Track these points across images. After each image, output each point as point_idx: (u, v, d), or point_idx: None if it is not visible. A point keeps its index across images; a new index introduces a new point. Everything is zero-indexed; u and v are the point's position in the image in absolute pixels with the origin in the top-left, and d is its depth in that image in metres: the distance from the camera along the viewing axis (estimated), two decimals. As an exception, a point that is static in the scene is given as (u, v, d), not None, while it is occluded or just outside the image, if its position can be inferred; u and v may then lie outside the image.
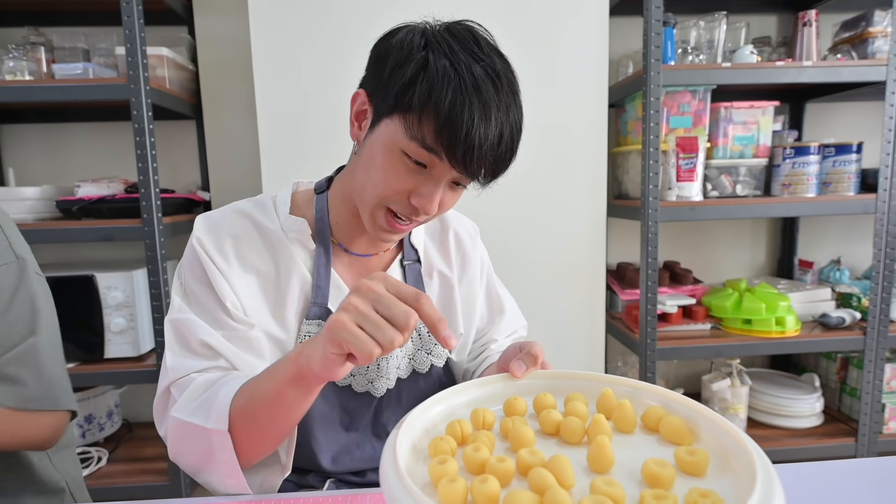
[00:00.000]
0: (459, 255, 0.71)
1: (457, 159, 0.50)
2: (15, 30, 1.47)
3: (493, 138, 0.50)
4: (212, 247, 0.59)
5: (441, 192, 0.54)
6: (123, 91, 1.21)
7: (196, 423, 0.50)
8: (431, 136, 0.49)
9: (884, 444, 1.51)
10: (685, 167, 1.39)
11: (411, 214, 0.55)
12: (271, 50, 1.30)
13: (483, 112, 0.49)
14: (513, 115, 0.52)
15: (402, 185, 0.53)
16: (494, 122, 0.49)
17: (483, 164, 0.51)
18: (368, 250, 0.65)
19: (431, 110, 0.49)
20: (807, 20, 1.44)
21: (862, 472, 0.57)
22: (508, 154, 0.52)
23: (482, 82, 0.49)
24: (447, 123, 0.48)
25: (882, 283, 1.44)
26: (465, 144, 0.49)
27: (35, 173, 1.58)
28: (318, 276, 0.61)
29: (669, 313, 1.49)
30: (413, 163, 0.52)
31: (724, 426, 0.39)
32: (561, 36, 1.34)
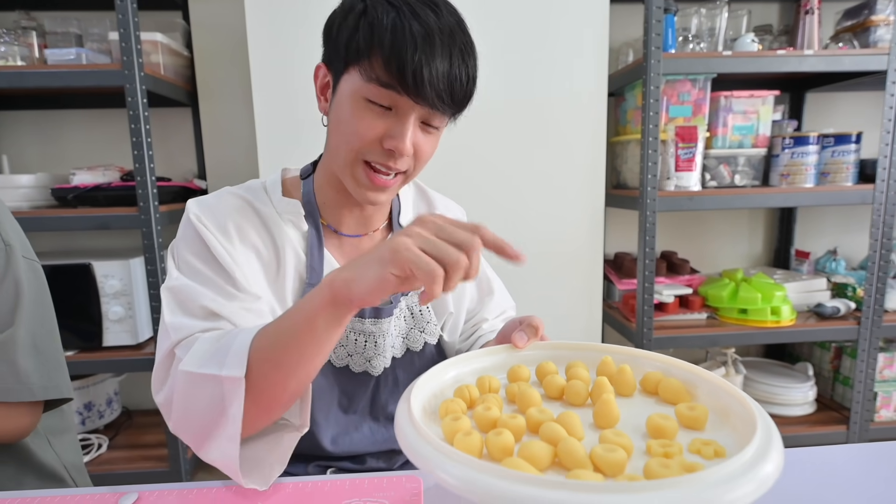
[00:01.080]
0: None
1: (412, 88, 0.50)
2: (6, 14, 1.45)
3: (443, 62, 0.50)
4: (212, 224, 0.58)
5: (410, 130, 0.53)
6: (117, 77, 1.20)
7: (208, 372, 0.46)
8: (383, 73, 0.50)
9: (875, 432, 1.53)
10: (684, 157, 1.39)
11: (388, 161, 0.55)
12: (267, 35, 1.28)
13: (426, 35, 0.49)
14: (459, 38, 0.51)
15: (372, 132, 0.53)
16: (440, 45, 0.50)
17: (439, 89, 0.50)
18: (358, 230, 0.65)
19: (377, 49, 0.50)
20: (809, 8, 1.43)
21: (853, 457, 0.58)
22: (464, 77, 0.52)
23: (420, 11, 0.50)
24: (392, 54, 0.49)
25: (877, 273, 1.45)
26: (414, 70, 0.49)
27: (29, 161, 1.57)
28: (312, 257, 0.61)
29: (666, 303, 1.50)
30: (377, 107, 0.53)
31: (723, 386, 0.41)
32: (560, 23, 1.32)
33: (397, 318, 0.66)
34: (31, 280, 0.68)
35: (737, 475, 0.29)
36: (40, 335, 0.68)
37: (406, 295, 0.66)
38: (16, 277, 0.65)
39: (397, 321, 0.66)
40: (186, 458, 1.37)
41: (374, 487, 0.52)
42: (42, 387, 0.66)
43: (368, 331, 0.63)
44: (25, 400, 0.65)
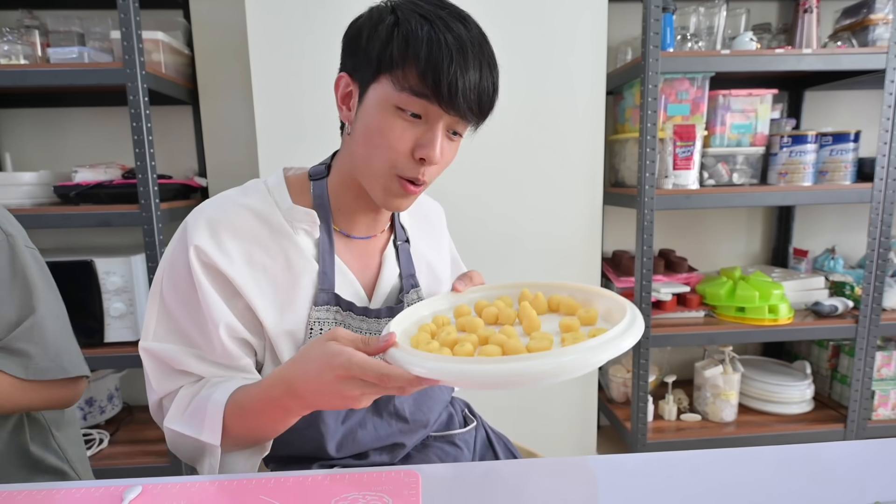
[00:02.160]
0: (435, 234, 0.77)
1: (445, 99, 0.52)
2: (9, 13, 1.46)
3: (474, 74, 0.53)
4: (209, 245, 0.56)
5: (440, 138, 0.55)
6: (119, 76, 1.21)
7: (190, 434, 0.55)
8: (417, 82, 0.52)
9: (872, 430, 1.54)
10: (682, 155, 1.39)
11: (418, 173, 0.57)
12: (268, 34, 1.29)
13: (459, 48, 0.52)
14: (487, 50, 0.55)
15: (404, 143, 0.55)
16: (472, 57, 0.52)
17: (470, 99, 0.53)
18: (368, 232, 0.67)
19: (412, 59, 0.52)
20: (808, 6, 1.43)
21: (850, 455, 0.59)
22: (491, 90, 0.55)
23: (452, 23, 0.52)
24: (428, 65, 0.51)
25: (875, 272, 1.45)
26: (449, 80, 0.51)
27: (32, 158, 1.58)
28: (324, 263, 0.61)
29: (664, 301, 1.50)
30: (409, 115, 0.54)
31: (610, 295, 0.60)
32: (559, 21, 1.33)
33: None
34: (35, 265, 0.70)
35: (604, 343, 0.47)
36: (59, 316, 0.72)
37: (407, 292, 0.68)
38: (25, 265, 0.68)
39: None
40: (187, 454, 1.38)
41: (372, 481, 0.53)
42: (73, 364, 0.71)
43: (374, 330, 0.64)
44: (60, 377, 0.69)
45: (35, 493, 0.53)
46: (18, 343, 0.66)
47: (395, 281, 0.68)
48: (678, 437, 1.51)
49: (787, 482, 0.53)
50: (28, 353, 0.67)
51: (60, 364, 0.69)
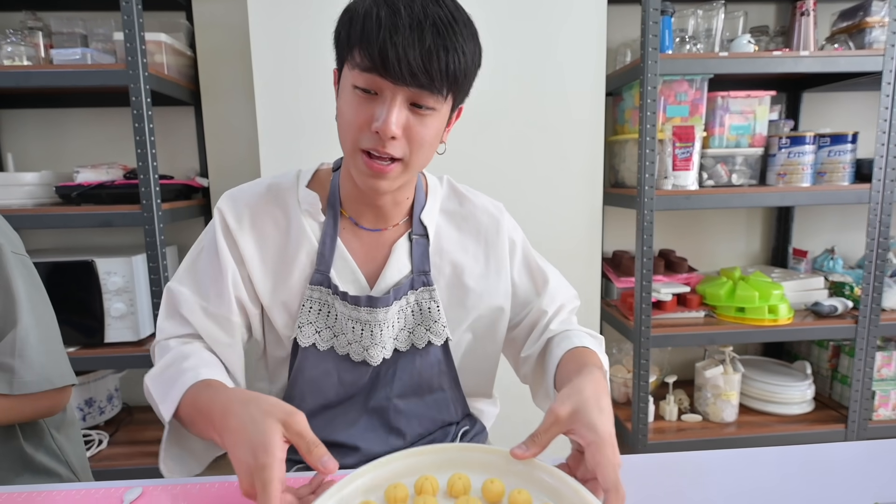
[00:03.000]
0: (480, 237, 0.70)
1: (381, 68, 0.52)
2: (12, 14, 1.47)
3: (413, 39, 0.51)
4: (230, 214, 0.65)
5: (395, 111, 0.54)
6: (122, 77, 1.22)
7: (156, 397, 0.58)
8: (360, 58, 0.53)
9: (873, 431, 1.54)
10: (681, 156, 1.40)
11: (378, 146, 0.56)
12: (269, 35, 1.30)
13: (391, 16, 0.51)
14: (434, 15, 0.52)
15: (361, 117, 0.56)
16: (408, 26, 0.51)
17: (412, 67, 0.51)
18: (377, 224, 0.67)
19: (355, 38, 0.54)
20: (805, 9, 1.44)
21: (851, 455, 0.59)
22: (442, 53, 0.52)
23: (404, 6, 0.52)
24: (363, 37, 0.52)
25: (874, 272, 1.46)
26: (380, 49, 0.51)
27: (34, 159, 1.58)
28: (323, 245, 0.65)
29: (664, 301, 1.50)
30: (364, 93, 0.55)
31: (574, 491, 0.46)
32: (559, 24, 1.34)
33: (402, 310, 0.66)
34: (24, 276, 0.69)
35: None
36: (44, 327, 0.70)
37: (416, 289, 0.66)
38: (9, 276, 0.67)
39: (402, 313, 0.66)
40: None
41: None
42: (59, 375, 0.70)
43: (364, 319, 0.64)
44: (46, 389, 0.68)
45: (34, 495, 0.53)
46: (1, 358, 0.65)
47: (404, 276, 0.66)
48: (679, 437, 1.51)
49: (788, 483, 0.53)
50: (11, 368, 0.65)
51: (46, 376, 0.68)
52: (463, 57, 0.54)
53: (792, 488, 0.52)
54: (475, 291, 0.69)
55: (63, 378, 0.70)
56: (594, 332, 0.71)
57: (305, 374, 0.66)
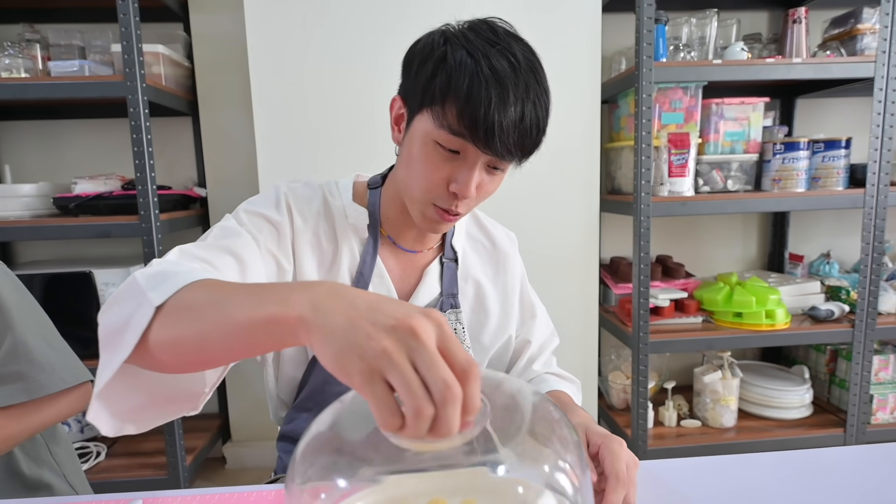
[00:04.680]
0: (499, 263, 0.74)
1: (481, 140, 0.53)
2: (10, 27, 1.47)
3: (514, 115, 0.52)
4: (295, 206, 0.63)
5: (476, 175, 0.56)
6: (120, 88, 1.22)
7: (142, 284, 0.42)
8: (455, 122, 0.53)
9: (872, 435, 1.54)
10: (677, 163, 1.41)
11: (451, 205, 0.58)
12: (267, 46, 1.31)
13: (500, 91, 0.52)
14: (533, 91, 0.54)
15: (439, 175, 0.56)
16: (513, 100, 0.52)
17: (508, 141, 0.53)
18: (415, 246, 0.68)
19: (452, 97, 0.53)
20: (797, 17, 1.46)
21: (850, 460, 0.59)
22: (534, 130, 0.54)
23: (497, 63, 0.52)
24: (467, 106, 0.52)
25: (870, 276, 1.46)
26: (486, 124, 0.52)
27: (31, 170, 1.59)
28: (364, 264, 0.65)
29: (662, 307, 1.51)
30: (446, 151, 0.55)
31: None
32: (554, 32, 1.35)
33: None
34: (5, 282, 0.68)
35: None
36: (42, 328, 0.70)
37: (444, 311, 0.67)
38: None
39: None
40: (185, 466, 1.37)
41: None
42: (71, 373, 0.69)
43: None
44: (61, 389, 0.67)
45: (36, 508, 0.52)
46: (7, 367, 0.65)
47: (434, 298, 0.68)
48: (679, 443, 1.51)
49: (787, 488, 0.53)
50: (22, 375, 0.65)
51: (59, 376, 0.68)
52: (545, 132, 0.56)
53: (791, 493, 0.52)
54: (494, 315, 0.71)
55: (76, 376, 0.70)
56: (572, 377, 0.74)
57: (334, 388, 0.65)
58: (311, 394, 0.67)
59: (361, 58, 1.32)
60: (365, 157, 1.36)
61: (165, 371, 0.43)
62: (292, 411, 0.69)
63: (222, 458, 1.68)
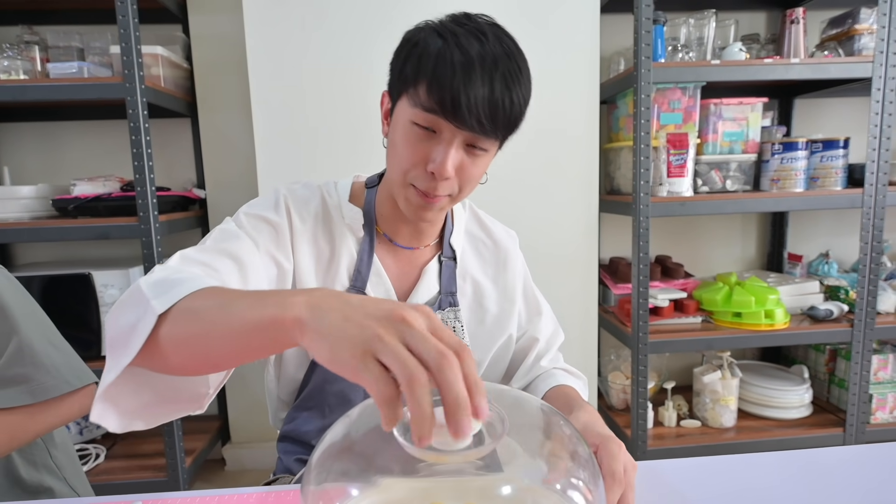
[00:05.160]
0: (499, 262, 0.73)
1: (450, 112, 0.53)
2: (9, 28, 1.47)
3: (483, 88, 0.52)
4: (293, 208, 0.64)
5: (453, 154, 0.56)
6: (119, 90, 1.22)
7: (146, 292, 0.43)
8: (426, 98, 0.53)
9: (871, 434, 1.54)
10: (676, 163, 1.41)
11: (429, 186, 0.57)
12: (266, 47, 1.31)
13: (465, 64, 0.52)
14: (503, 65, 0.53)
15: (417, 155, 0.56)
16: (480, 73, 0.52)
17: (478, 113, 0.53)
18: (412, 242, 0.68)
19: (422, 76, 0.54)
20: (794, 17, 1.47)
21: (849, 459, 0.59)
22: (507, 103, 0.54)
23: (465, 40, 0.53)
24: (434, 80, 0.53)
25: (869, 275, 1.47)
26: (452, 95, 0.52)
27: (30, 172, 1.58)
28: (361, 262, 0.65)
29: (661, 307, 1.51)
30: (422, 129, 0.55)
31: None
32: (553, 33, 1.36)
33: None
34: (7, 286, 0.68)
35: None
36: (46, 330, 0.70)
37: (443, 309, 0.67)
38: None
39: None
40: (185, 468, 1.37)
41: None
42: (76, 376, 0.69)
43: None
44: (65, 392, 0.67)
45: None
46: (12, 369, 0.65)
47: (433, 296, 0.68)
48: (678, 443, 1.51)
49: (787, 488, 0.53)
50: (27, 377, 0.65)
51: (64, 378, 0.68)
52: (524, 104, 0.56)
53: (792, 493, 0.53)
54: (492, 314, 0.71)
55: (80, 378, 0.70)
56: (579, 373, 0.74)
57: (333, 387, 0.66)
58: (311, 393, 0.67)
59: (360, 59, 1.32)
60: (364, 158, 1.36)
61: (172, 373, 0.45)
62: (293, 411, 0.69)
63: (222, 459, 1.68)
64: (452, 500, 0.44)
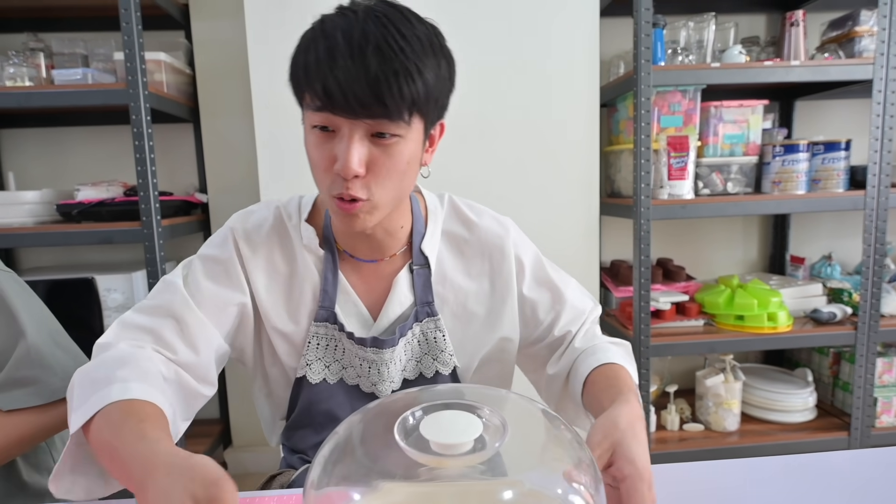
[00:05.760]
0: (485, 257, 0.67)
1: (328, 103, 0.49)
2: (15, 36, 1.49)
3: (354, 68, 0.48)
4: (242, 239, 0.62)
5: (356, 148, 0.51)
6: (122, 96, 1.23)
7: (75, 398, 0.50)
8: (309, 97, 0.51)
9: (876, 438, 1.53)
10: (676, 166, 1.41)
11: (342, 191, 0.53)
12: (267, 53, 1.32)
13: (329, 49, 0.49)
14: (376, 38, 0.48)
15: (324, 160, 0.53)
16: (348, 52, 0.48)
17: (359, 95, 0.48)
18: (373, 255, 0.64)
19: (299, 76, 0.52)
20: (794, 20, 1.47)
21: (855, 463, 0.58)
22: (390, 76, 0.48)
23: (330, 25, 0.50)
24: (305, 76, 0.50)
25: (872, 278, 1.46)
26: (323, 84, 0.48)
27: (35, 177, 1.60)
28: (326, 281, 0.63)
29: (663, 310, 1.50)
30: (321, 131, 0.52)
31: None
32: (552, 37, 1.36)
33: (409, 342, 0.64)
34: (16, 290, 0.69)
35: None
36: (53, 332, 0.70)
37: (421, 321, 0.65)
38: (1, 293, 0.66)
39: (409, 345, 0.65)
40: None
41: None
42: None
43: (370, 358, 0.63)
44: None
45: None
46: (20, 371, 0.65)
47: (407, 307, 0.65)
48: (681, 447, 1.50)
49: (791, 492, 0.53)
50: (36, 379, 0.65)
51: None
52: (420, 76, 0.49)
53: (796, 497, 0.52)
54: (480, 316, 0.66)
55: None
56: (619, 341, 0.67)
57: (320, 407, 0.65)
58: (300, 413, 0.67)
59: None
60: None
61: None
62: (287, 430, 0.70)
63: (223, 463, 1.68)
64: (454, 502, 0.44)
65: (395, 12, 0.51)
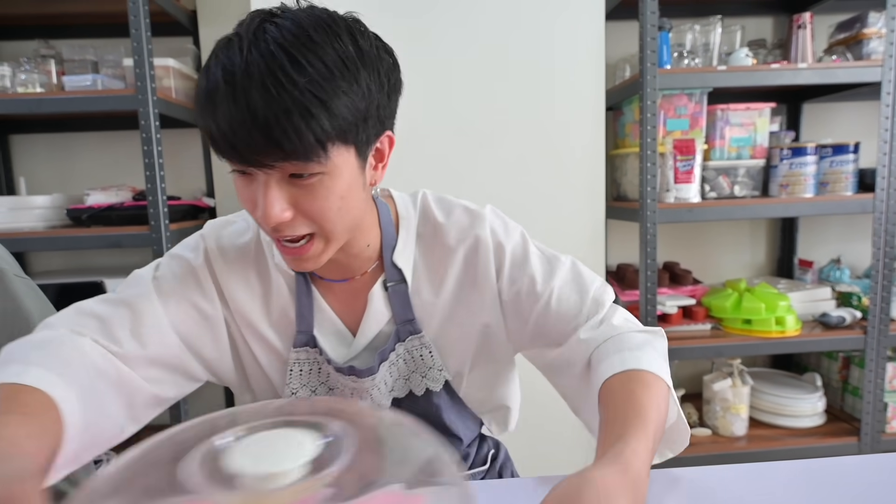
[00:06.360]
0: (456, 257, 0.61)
1: (221, 151, 0.45)
2: (26, 43, 1.51)
3: (236, 112, 0.41)
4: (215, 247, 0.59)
5: (274, 193, 0.45)
6: (131, 102, 1.25)
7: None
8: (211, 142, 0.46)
9: (887, 443, 1.51)
10: (683, 169, 1.41)
11: (276, 233, 0.49)
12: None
13: (209, 91, 0.43)
14: (263, 71, 0.41)
15: (249, 203, 0.49)
16: (228, 93, 0.42)
17: (247, 142, 0.42)
18: (344, 275, 0.61)
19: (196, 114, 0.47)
20: (801, 22, 1.46)
21: (865, 468, 0.58)
22: (283, 116, 0.41)
23: (220, 58, 0.44)
24: (201, 120, 0.45)
25: (881, 281, 1.44)
26: (209, 131, 0.44)
27: (45, 182, 1.62)
28: (301, 305, 0.60)
29: (669, 314, 1.50)
30: (239, 175, 0.48)
31: None
32: (558, 40, 1.36)
33: (393, 363, 0.62)
34: (33, 297, 0.70)
35: None
36: None
37: (403, 341, 0.61)
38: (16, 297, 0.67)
39: (393, 367, 0.62)
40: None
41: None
42: None
43: (350, 387, 0.61)
44: None
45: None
46: None
47: (385, 324, 0.61)
48: (689, 452, 1.47)
49: (800, 498, 0.53)
50: None
51: None
52: (323, 109, 0.42)
53: (805, 503, 0.52)
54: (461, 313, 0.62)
55: None
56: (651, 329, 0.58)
57: None
58: None
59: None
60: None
61: None
62: None
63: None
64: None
65: (293, 33, 0.42)
